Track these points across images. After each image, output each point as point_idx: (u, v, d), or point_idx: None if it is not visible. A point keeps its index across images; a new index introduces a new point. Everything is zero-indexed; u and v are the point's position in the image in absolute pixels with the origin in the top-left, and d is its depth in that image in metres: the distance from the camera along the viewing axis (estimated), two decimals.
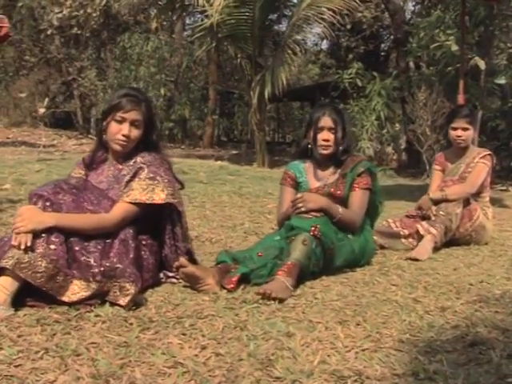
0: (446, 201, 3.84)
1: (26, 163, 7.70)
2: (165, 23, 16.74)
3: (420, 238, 3.74)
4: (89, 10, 14.88)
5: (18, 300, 2.24)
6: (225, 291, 2.60)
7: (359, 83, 10.50)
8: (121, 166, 2.66)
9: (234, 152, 14.96)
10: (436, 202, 3.87)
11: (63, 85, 18.70)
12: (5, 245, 2.24)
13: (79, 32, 15.93)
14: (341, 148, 3.19)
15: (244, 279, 2.72)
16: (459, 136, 4.06)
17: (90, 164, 2.78)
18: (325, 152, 3.18)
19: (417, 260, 3.47)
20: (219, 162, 10.30)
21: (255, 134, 11.02)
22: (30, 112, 14.08)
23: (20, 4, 14.74)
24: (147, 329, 2.11)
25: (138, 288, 2.32)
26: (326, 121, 3.16)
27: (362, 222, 3.13)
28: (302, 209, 2.88)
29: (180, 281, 2.68)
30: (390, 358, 1.94)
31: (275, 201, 4.57)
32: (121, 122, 2.61)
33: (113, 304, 2.31)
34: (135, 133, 2.64)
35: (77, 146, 14.49)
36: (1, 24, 11.19)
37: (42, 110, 13.18)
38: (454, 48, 8.64)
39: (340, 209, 2.99)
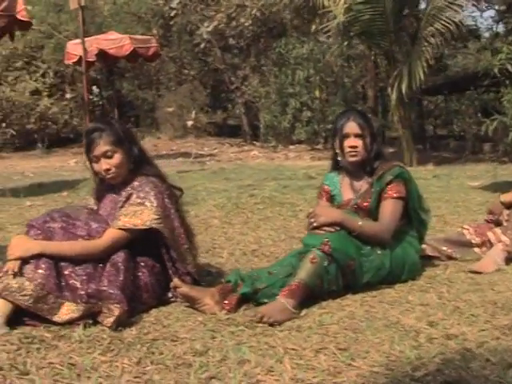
0: None
1: None
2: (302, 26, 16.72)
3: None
4: (242, 20, 15.41)
5: (20, 319, 2.42)
6: (224, 312, 2.56)
7: (510, 68, 9.56)
8: (119, 193, 2.74)
9: (391, 150, 14.47)
10: (511, 206, 3.42)
11: (228, 93, 19.54)
12: None
13: (234, 42, 16.55)
14: (371, 154, 2.96)
15: (251, 299, 2.66)
16: None
17: (97, 196, 2.91)
18: (353, 159, 2.97)
19: (479, 273, 3.10)
20: None
21: (400, 131, 10.57)
22: (183, 125, 15.00)
23: (171, 22, 15.77)
24: (111, 350, 2.15)
25: (123, 310, 2.37)
26: (352, 127, 2.95)
27: (392, 233, 2.86)
28: (314, 224, 2.72)
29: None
30: None
31: None
32: (96, 160, 2.70)
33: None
34: (113, 162, 2.69)
35: (236, 153, 15.01)
36: (149, 44, 12.14)
37: (190, 123, 13.94)
38: None
39: (360, 221, 2.77)
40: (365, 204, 2.93)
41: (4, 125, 15.02)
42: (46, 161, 13.23)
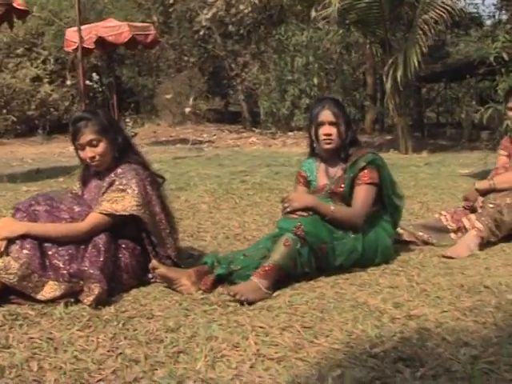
0: (495, 191, 3.47)
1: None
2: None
3: None
4: (241, 7, 15.43)
5: (6, 297, 2.54)
6: (200, 292, 2.68)
7: (505, 57, 9.59)
8: (104, 179, 2.85)
9: (389, 137, 14.53)
10: (485, 193, 3.52)
11: (228, 80, 19.56)
12: None
13: (234, 29, 16.58)
14: (346, 141, 3.07)
15: (226, 280, 2.78)
16: None
17: (83, 180, 3.03)
18: (328, 147, 3.08)
19: (452, 258, 3.21)
20: None
21: (395, 118, 10.64)
22: (181, 112, 15.09)
23: (171, 10, 15.82)
24: (88, 327, 2.28)
25: (102, 289, 2.49)
26: (326, 115, 3.06)
27: (365, 218, 2.97)
28: (288, 209, 2.83)
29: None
30: (287, 369, 1.90)
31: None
32: (81, 148, 2.82)
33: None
34: (98, 150, 2.80)
35: (235, 140, 15.09)
36: (148, 31, 12.18)
37: (187, 110, 14.03)
38: None
39: (332, 206, 2.88)
40: (339, 189, 3.04)
41: (5, 111, 15.13)
42: (47, 147, 13.35)
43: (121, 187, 2.74)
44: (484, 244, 3.40)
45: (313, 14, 15.84)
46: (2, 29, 8.64)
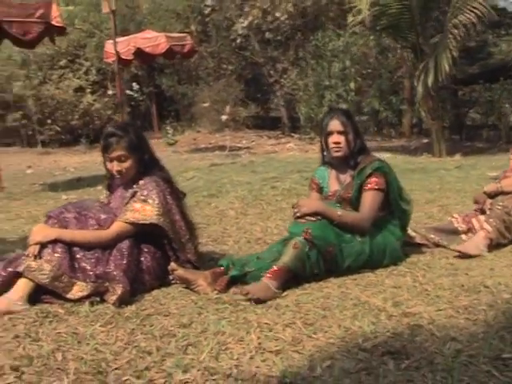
0: (502, 193, 3.59)
1: (183, 172, 8.50)
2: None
3: None
4: (277, 14, 15.66)
5: (38, 297, 2.81)
6: (215, 292, 2.90)
7: None
8: (128, 190, 3.11)
9: (425, 141, 14.51)
10: (494, 195, 3.64)
11: (267, 87, 19.78)
12: (21, 257, 2.84)
13: (271, 36, 16.81)
14: (355, 149, 3.25)
15: (240, 281, 2.99)
16: None
17: (109, 189, 3.31)
18: (337, 154, 3.26)
19: (463, 254, 3.33)
20: (388, 155, 10.25)
21: (429, 122, 10.67)
22: (219, 119, 15.38)
23: (207, 19, 16.18)
24: (110, 323, 2.52)
25: (124, 289, 2.74)
26: (335, 124, 3.25)
27: (372, 222, 3.14)
28: (297, 214, 3.03)
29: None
30: (283, 361, 2.09)
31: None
32: (110, 161, 3.07)
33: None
34: (124, 165, 3.05)
35: (273, 145, 15.30)
36: (184, 42, 12.51)
37: (224, 117, 14.30)
38: None
39: (339, 211, 3.06)
40: (347, 195, 3.23)
41: (49, 121, 15.73)
42: (89, 156, 13.84)
43: (142, 198, 2.99)
44: (493, 246, 3.51)
45: (349, 19, 15.93)
46: (45, 41, 9.07)
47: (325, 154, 3.36)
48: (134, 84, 16.55)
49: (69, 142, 16.16)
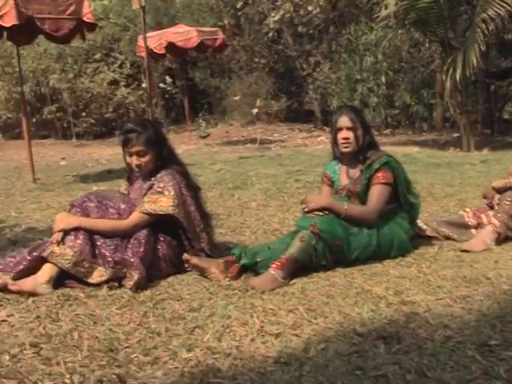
0: (511, 189, 3.65)
1: (212, 164, 8.67)
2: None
3: None
4: (310, 8, 15.71)
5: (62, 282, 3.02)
6: (227, 279, 3.06)
7: None
8: (146, 182, 3.28)
9: (456, 135, 14.41)
10: (502, 190, 3.70)
11: (300, 80, 19.83)
12: (46, 243, 3.05)
13: (304, 30, 16.88)
14: (364, 145, 3.36)
15: (251, 269, 3.14)
16: None
17: (129, 181, 3.49)
18: (346, 150, 3.38)
19: (468, 251, 3.43)
20: (416, 149, 10.26)
21: (457, 116, 10.63)
22: (249, 112, 15.52)
23: (239, 13, 16.31)
24: (126, 306, 2.70)
25: (141, 275, 2.92)
26: (344, 121, 3.37)
27: (379, 215, 3.25)
28: (306, 209, 3.16)
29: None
30: (281, 343, 2.24)
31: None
32: (129, 155, 3.24)
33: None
34: (144, 160, 3.22)
35: (304, 139, 15.36)
36: (216, 36, 12.67)
37: (255, 111, 14.43)
38: None
39: (346, 206, 3.18)
40: (355, 189, 3.35)
41: (84, 114, 16.10)
42: None
43: (159, 190, 3.16)
44: (502, 240, 3.59)
45: (383, 12, 15.85)
46: (77, 37, 9.34)
47: (335, 149, 3.48)
48: (167, 77, 16.80)
49: (103, 134, 16.49)
